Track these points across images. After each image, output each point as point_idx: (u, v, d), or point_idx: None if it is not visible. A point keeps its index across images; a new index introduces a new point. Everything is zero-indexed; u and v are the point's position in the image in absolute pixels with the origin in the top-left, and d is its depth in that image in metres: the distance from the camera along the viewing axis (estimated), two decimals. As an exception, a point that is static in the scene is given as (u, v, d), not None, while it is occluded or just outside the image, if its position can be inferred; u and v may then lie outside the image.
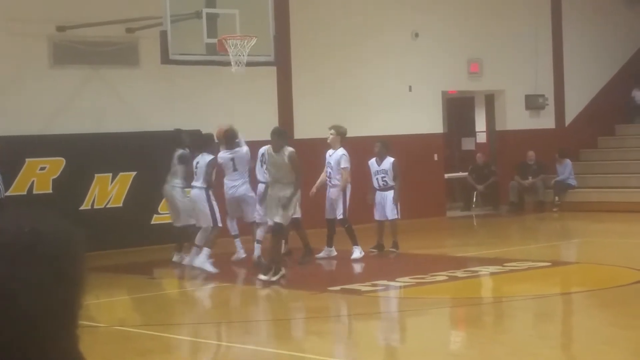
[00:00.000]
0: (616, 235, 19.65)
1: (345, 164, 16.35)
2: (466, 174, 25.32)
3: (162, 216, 19.24)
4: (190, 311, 13.47)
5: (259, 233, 15.84)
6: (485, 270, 15.27)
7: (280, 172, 14.37)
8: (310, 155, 21.31)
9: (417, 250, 17.50)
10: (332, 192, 16.51)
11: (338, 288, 13.79)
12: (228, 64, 16.39)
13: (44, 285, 1.41)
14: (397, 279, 14.33)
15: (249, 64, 16.48)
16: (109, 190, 18.89)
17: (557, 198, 24.54)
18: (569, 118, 26.69)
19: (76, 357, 1.47)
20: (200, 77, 19.56)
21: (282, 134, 14.97)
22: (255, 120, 20.51)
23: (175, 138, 17.28)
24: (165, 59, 16.48)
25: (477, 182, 25.14)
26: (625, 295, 13.10)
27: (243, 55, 16.30)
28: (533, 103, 25.82)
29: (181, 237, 16.72)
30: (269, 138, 14.80)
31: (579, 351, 10.35)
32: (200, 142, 16.33)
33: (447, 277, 14.49)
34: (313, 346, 10.89)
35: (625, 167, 25.03)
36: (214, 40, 16.57)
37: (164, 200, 17.86)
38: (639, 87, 27.51)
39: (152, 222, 19.35)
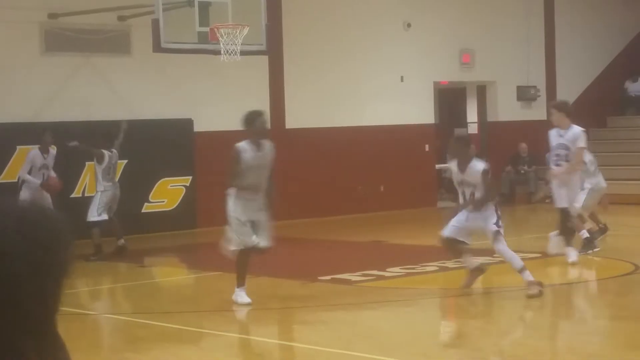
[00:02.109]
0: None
1: (582, 143, 14.41)
2: (458, 164, 25.29)
3: (152, 204, 19.53)
4: (180, 299, 13.45)
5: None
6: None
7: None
8: (301, 144, 21.34)
9: (407, 240, 17.51)
10: (564, 176, 14.61)
11: (328, 277, 13.81)
12: (220, 52, 16.36)
13: (35, 272, 1.41)
14: (387, 269, 14.35)
15: (241, 52, 16.44)
16: (100, 178, 18.88)
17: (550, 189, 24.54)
18: (560, 109, 26.68)
19: (60, 342, 1.48)
20: (192, 66, 19.53)
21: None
22: (247, 109, 20.44)
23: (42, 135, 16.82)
24: (157, 48, 16.44)
25: (468, 173, 25.12)
26: (616, 287, 13.13)
27: (235, 44, 16.27)
28: (525, 94, 25.82)
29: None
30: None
31: (569, 342, 10.36)
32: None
33: (437, 268, 14.51)
34: (302, 335, 10.91)
35: (617, 159, 25.03)
36: (206, 29, 16.54)
37: (155, 188, 17.86)
38: (632, 78, 27.53)
39: (143, 210, 19.51)
